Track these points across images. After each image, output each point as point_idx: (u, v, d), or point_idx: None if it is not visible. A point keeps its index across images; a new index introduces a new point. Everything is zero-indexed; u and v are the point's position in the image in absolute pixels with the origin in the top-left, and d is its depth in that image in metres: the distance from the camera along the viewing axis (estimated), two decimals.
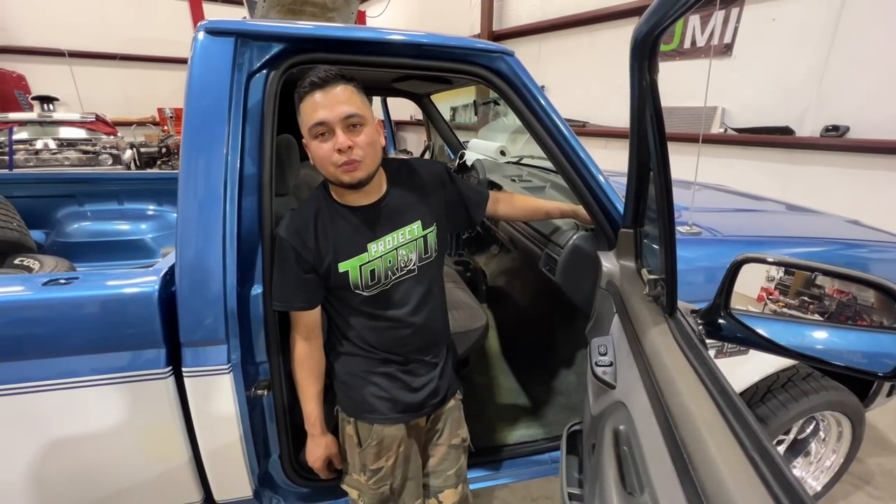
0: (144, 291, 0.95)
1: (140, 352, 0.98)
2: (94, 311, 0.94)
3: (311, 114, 0.89)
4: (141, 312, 0.95)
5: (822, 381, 1.57)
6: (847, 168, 4.43)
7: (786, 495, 0.42)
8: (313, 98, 0.89)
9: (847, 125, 4.35)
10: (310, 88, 0.89)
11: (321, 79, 0.89)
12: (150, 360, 0.98)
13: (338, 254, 1.00)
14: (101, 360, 0.96)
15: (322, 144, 0.90)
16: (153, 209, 2.76)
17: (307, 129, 0.91)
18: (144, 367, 0.99)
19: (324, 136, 0.90)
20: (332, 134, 0.90)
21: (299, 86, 0.91)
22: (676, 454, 0.55)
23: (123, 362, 0.97)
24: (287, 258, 0.99)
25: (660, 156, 0.76)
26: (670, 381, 0.66)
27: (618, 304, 1.03)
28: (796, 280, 1.22)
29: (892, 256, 1.66)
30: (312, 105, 0.89)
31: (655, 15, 0.62)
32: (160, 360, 0.99)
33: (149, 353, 0.98)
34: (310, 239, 0.98)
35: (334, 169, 0.92)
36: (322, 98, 0.89)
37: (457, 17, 8.84)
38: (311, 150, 0.94)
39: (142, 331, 0.96)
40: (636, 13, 5.97)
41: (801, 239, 1.70)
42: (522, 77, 1.15)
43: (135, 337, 0.96)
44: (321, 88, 0.89)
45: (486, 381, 1.97)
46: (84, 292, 0.93)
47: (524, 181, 2.15)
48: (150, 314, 0.95)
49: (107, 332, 0.95)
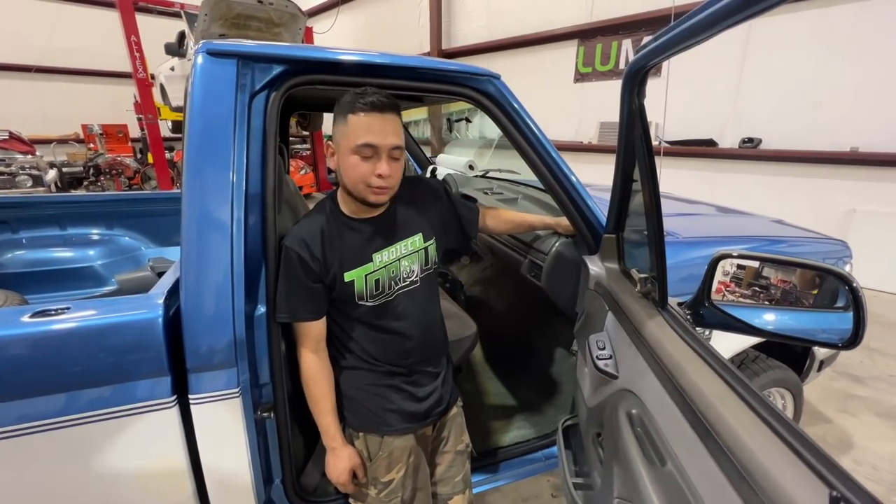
0: (148, 317, 0.91)
1: (142, 382, 0.93)
2: (94, 342, 0.88)
3: (362, 133, 0.93)
4: (144, 340, 0.91)
5: (769, 361, 1.79)
6: (762, 175, 5.04)
7: (798, 443, 0.51)
8: (368, 118, 0.93)
9: (760, 137, 4.96)
10: (367, 108, 0.92)
11: (380, 103, 0.93)
12: (153, 390, 0.94)
13: (344, 264, 1.03)
14: (99, 394, 0.90)
15: (362, 163, 0.95)
16: (100, 234, 2.55)
17: (352, 143, 0.94)
18: (147, 398, 0.94)
19: (367, 157, 0.95)
20: (377, 158, 0.95)
21: (351, 99, 0.93)
22: (697, 423, 0.64)
23: (124, 395, 0.92)
24: (294, 268, 1.00)
25: (648, 168, 0.87)
26: (677, 365, 0.75)
27: (609, 302, 1.13)
28: (747, 273, 1.41)
29: (808, 250, 1.94)
30: (366, 125, 0.93)
31: (651, 54, 0.73)
32: (165, 389, 0.95)
33: (152, 382, 0.94)
34: (317, 249, 1.01)
35: (364, 188, 0.97)
36: (376, 123, 0.93)
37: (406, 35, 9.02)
38: (345, 162, 0.97)
39: (145, 359, 0.92)
40: (574, 36, 6.45)
41: (739, 237, 1.94)
42: (509, 98, 1.25)
43: (137, 366, 0.92)
44: (379, 112, 0.93)
45: (474, 388, 2.02)
46: (83, 323, 0.88)
47: (496, 193, 2.26)
48: (155, 341, 0.91)
49: (107, 363, 0.89)
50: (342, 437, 1.12)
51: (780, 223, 2.30)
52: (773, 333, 0.88)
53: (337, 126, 0.98)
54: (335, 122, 0.99)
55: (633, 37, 5.77)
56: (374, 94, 0.94)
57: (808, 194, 4.70)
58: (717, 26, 0.57)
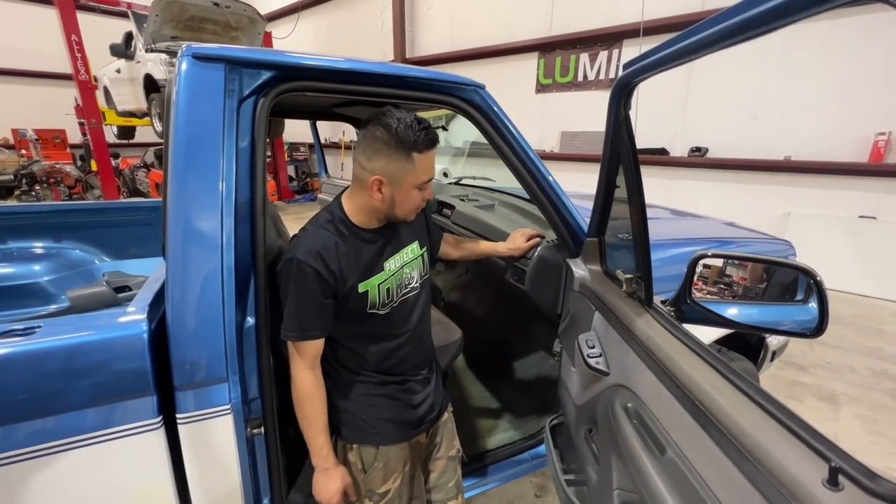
0: (132, 333, 0.86)
1: (125, 403, 0.87)
2: (70, 362, 0.82)
3: (429, 170, 1.00)
4: (127, 357, 0.85)
5: (730, 354, 1.93)
6: (709, 181, 5.42)
7: (794, 423, 0.57)
8: (430, 156, 0.99)
9: (707, 147, 5.35)
10: (432, 146, 0.98)
11: (437, 139, 0.99)
12: (137, 411, 0.88)
13: (360, 274, 1.01)
14: (77, 419, 0.83)
15: (420, 193, 1.03)
16: (46, 247, 2.35)
17: (419, 181, 0.99)
18: (130, 420, 0.88)
19: (423, 189, 1.02)
20: (428, 187, 1.04)
21: (414, 137, 0.93)
22: (696, 412, 0.68)
23: (105, 418, 0.85)
24: (309, 283, 0.94)
25: (634, 174, 0.93)
26: (670, 358, 0.80)
27: (596, 302, 1.18)
28: (712, 271, 1.52)
29: (756, 249, 2.12)
30: (430, 162, 1.00)
31: (641, 71, 0.79)
32: (150, 410, 0.89)
33: (136, 402, 0.88)
34: (333, 262, 0.96)
35: (410, 212, 1.05)
36: (434, 156, 1.01)
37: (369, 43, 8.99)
38: (408, 197, 1.00)
39: (128, 379, 0.86)
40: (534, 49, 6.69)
41: (697, 239, 2.08)
42: (493, 107, 1.29)
43: (120, 387, 0.86)
44: (435, 147, 1.00)
45: (458, 393, 2.03)
46: (57, 342, 0.81)
47: (472, 200, 2.29)
48: (139, 358, 0.86)
49: (86, 385, 0.83)
50: (334, 458, 1.08)
51: (731, 225, 2.49)
52: (749, 326, 0.97)
53: (394, 162, 0.95)
54: (386, 157, 0.94)
55: (590, 51, 6.07)
56: (431, 131, 0.96)
57: (749, 198, 5.12)
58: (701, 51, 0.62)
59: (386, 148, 0.93)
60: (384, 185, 0.97)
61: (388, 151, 0.94)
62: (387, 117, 0.94)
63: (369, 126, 0.96)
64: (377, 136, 0.94)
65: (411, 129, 0.93)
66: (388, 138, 0.93)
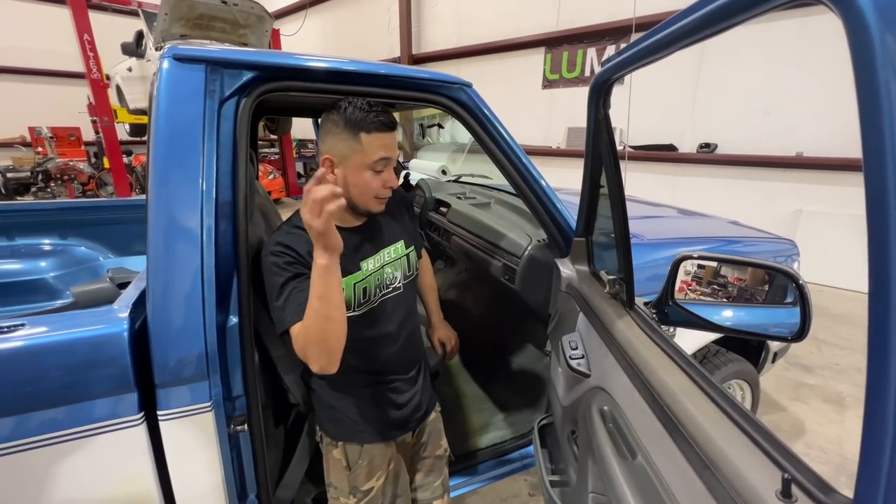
0: (113, 332, 0.87)
1: (107, 399, 0.89)
2: (54, 360, 0.84)
3: (379, 149, 0.98)
4: (109, 355, 0.87)
5: (728, 355, 1.90)
6: (718, 178, 5.32)
7: (757, 434, 0.55)
8: (382, 136, 0.98)
9: (716, 143, 5.24)
10: (382, 128, 0.97)
11: (390, 123, 0.99)
12: (118, 408, 0.90)
13: None
14: (60, 414, 0.85)
15: (375, 177, 1.00)
16: (53, 244, 2.41)
17: (369, 160, 0.98)
18: (111, 417, 0.89)
19: (378, 172, 1.00)
20: (385, 171, 1.01)
21: (362, 117, 0.95)
22: (664, 418, 0.67)
23: (87, 414, 0.87)
24: (285, 272, 0.93)
25: (614, 174, 0.92)
26: (645, 362, 0.79)
27: (580, 303, 1.17)
28: (707, 272, 1.49)
29: (761, 249, 2.08)
30: (381, 142, 0.98)
31: (616, 68, 0.77)
32: (131, 406, 0.91)
33: (117, 399, 0.89)
34: (304, 254, 0.95)
35: (370, 199, 1.02)
36: (389, 139, 0.99)
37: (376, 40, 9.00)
38: (357, 178, 0.99)
39: (110, 376, 0.88)
40: (541, 44, 6.62)
41: (698, 238, 2.05)
42: (480, 105, 1.28)
43: (102, 384, 0.87)
44: (390, 131, 0.99)
45: (451, 392, 2.03)
46: (38, 339, 0.83)
47: (469, 198, 2.29)
48: (120, 356, 0.88)
49: (69, 382, 0.85)
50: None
51: (735, 224, 2.44)
52: (730, 329, 0.95)
53: (342, 142, 0.97)
54: (335, 136, 0.97)
55: (598, 45, 5.99)
56: (383, 113, 0.97)
57: (759, 196, 5.01)
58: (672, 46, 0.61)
59: (335, 127, 0.97)
60: (336, 166, 0.99)
61: (337, 131, 0.97)
62: (341, 102, 0.98)
63: (326, 113, 1.00)
64: (330, 118, 0.98)
65: (360, 110, 0.96)
66: (338, 118, 0.97)
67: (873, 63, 0.34)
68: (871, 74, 0.34)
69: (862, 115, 0.35)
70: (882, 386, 0.34)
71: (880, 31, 0.34)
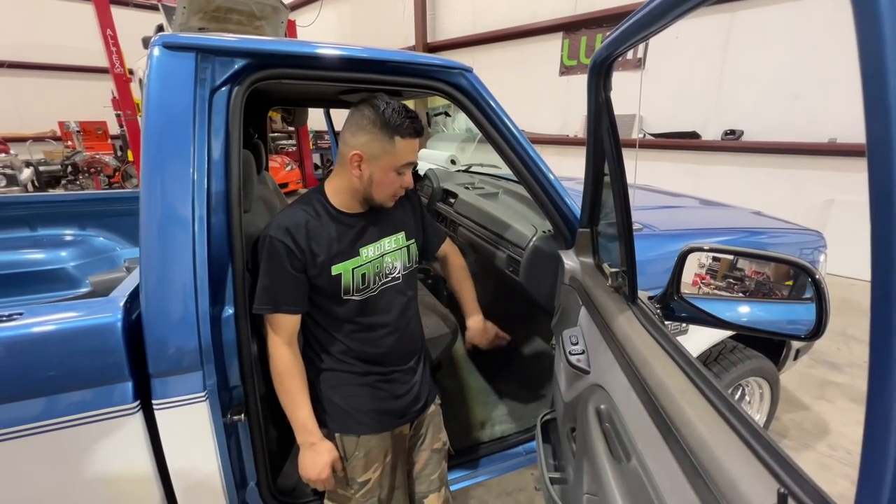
0: (106, 322, 0.88)
1: (102, 388, 0.90)
2: (49, 348, 0.85)
3: (409, 154, 1.02)
4: (103, 345, 0.88)
5: (746, 351, 1.81)
6: (743, 166, 5.10)
7: (756, 441, 0.51)
8: (414, 142, 1.02)
9: (742, 129, 5.01)
10: (416, 134, 1.01)
11: (422, 129, 1.03)
12: (114, 397, 0.91)
13: (331, 256, 1.02)
14: (55, 402, 0.87)
15: (398, 178, 1.04)
16: (73, 234, 2.48)
17: (398, 163, 1.01)
18: (108, 405, 0.91)
19: (401, 174, 1.04)
20: (406, 173, 1.05)
21: (399, 122, 0.97)
22: (659, 420, 0.63)
23: (83, 401, 0.89)
24: (277, 257, 0.98)
25: (616, 162, 0.86)
26: (644, 361, 0.75)
27: (583, 297, 1.13)
28: (722, 265, 1.42)
29: (786, 241, 1.97)
30: (412, 147, 1.02)
31: (613, 45, 0.72)
32: (126, 395, 0.92)
33: (112, 388, 0.91)
34: (302, 239, 0.99)
35: (387, 196, 1.06)
36: (417, 145, 1.04)
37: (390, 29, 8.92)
38: (385, 178, 1.02)
39: (104, 365, 0.89)
40: (559, 29, 6.43)
41: (717, 229, 1.96)
42: (481, 91, 1.23)
43: (97, 372, 0.89)
44: (420, 137, 1.03)
45: (456, 384, 2.01)
46: (35, 328, 0.84)
47: (477, 188, 2.24)
48: (114, 346, 0.88)
49: (63, 370, 0.86)
50: (319, 432, 1.07)
51: (758, 214, 2.32)
52: (738, 326, 0.88)
53: (376, 141, 0.98)
54: (370, 135, 0.98)
55: None
56: (417, 120, 1.01)
57: (788, 185, 4.77)
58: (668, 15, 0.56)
59: (371, 126, 0.98)
60: (363, 161, 1.00)
61: (373, 130, 0.98)
62: (377, 100, 0.99)
63: (359, 106, 1.00)
64: (365, 114, 0.98)
65: (398, 114, 0.97)
66: (375, 118, 0.97)
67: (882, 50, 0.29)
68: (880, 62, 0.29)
69: (866, 102, 0.30)
70: (882, 386, 0.30)
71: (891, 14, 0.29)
